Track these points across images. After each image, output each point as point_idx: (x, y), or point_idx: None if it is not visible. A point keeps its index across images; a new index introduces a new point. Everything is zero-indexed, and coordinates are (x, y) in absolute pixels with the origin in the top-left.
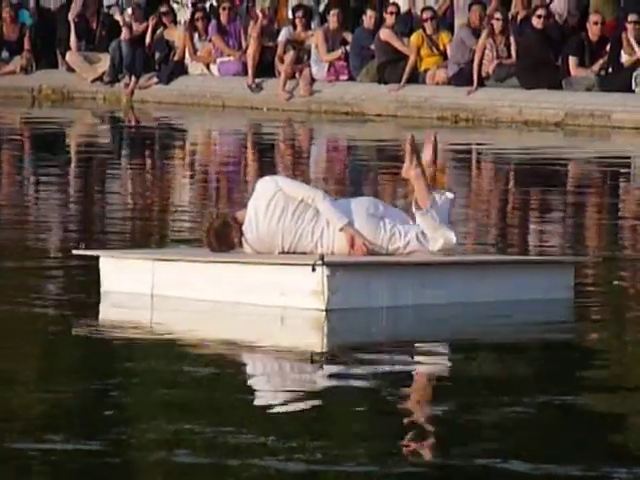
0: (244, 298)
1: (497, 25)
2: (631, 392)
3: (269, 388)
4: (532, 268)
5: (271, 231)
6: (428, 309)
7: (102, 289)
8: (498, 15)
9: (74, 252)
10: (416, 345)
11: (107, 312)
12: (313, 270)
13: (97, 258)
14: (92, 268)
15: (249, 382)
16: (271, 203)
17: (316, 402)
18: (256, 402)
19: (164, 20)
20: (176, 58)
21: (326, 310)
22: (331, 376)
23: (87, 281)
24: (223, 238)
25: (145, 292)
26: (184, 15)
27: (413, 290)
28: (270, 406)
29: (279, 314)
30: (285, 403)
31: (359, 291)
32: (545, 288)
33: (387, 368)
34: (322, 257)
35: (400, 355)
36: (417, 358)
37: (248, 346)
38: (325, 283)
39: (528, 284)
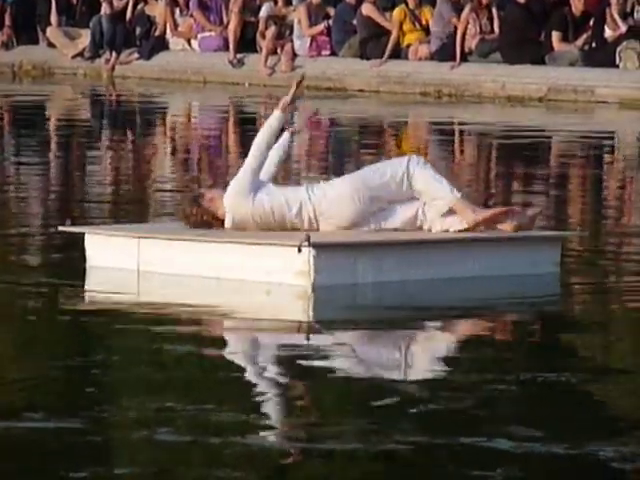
0: (230, 276)
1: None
2: (617, 369)
3: (252, 365)
4: (518, 244)
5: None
6: (414, 286)
7: (87, 265)
8: None
9: (60, 228)
10: (401, 322)
11: (92, 289)
12: (299, 251)
13: (82, 235)
14: (77, 244)
15: (232, 359)
16: (249, 220)
17: (299, 379)
18: (238, 379)
19: None
20: (157, 33)
21: (312, 290)
22: (314, 352)
23: (72, 258)
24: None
25: (131, 268)
26: None
27: (399, 268)
28: (252, 383)
29: (264, 292)
30: (267, 380)
31: (345, 270)
32: (531, 264)
33: (371, 346)
34: (308, 238)
35: (384, 331)
36: (402, 335)
37: (232, 323)
38: (311, 264)
39: (514, 260)
